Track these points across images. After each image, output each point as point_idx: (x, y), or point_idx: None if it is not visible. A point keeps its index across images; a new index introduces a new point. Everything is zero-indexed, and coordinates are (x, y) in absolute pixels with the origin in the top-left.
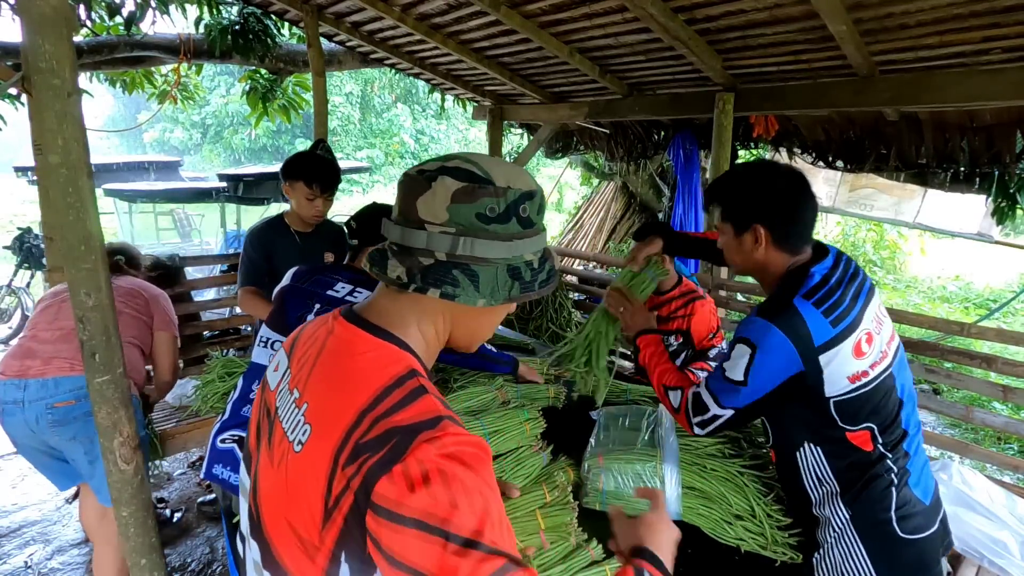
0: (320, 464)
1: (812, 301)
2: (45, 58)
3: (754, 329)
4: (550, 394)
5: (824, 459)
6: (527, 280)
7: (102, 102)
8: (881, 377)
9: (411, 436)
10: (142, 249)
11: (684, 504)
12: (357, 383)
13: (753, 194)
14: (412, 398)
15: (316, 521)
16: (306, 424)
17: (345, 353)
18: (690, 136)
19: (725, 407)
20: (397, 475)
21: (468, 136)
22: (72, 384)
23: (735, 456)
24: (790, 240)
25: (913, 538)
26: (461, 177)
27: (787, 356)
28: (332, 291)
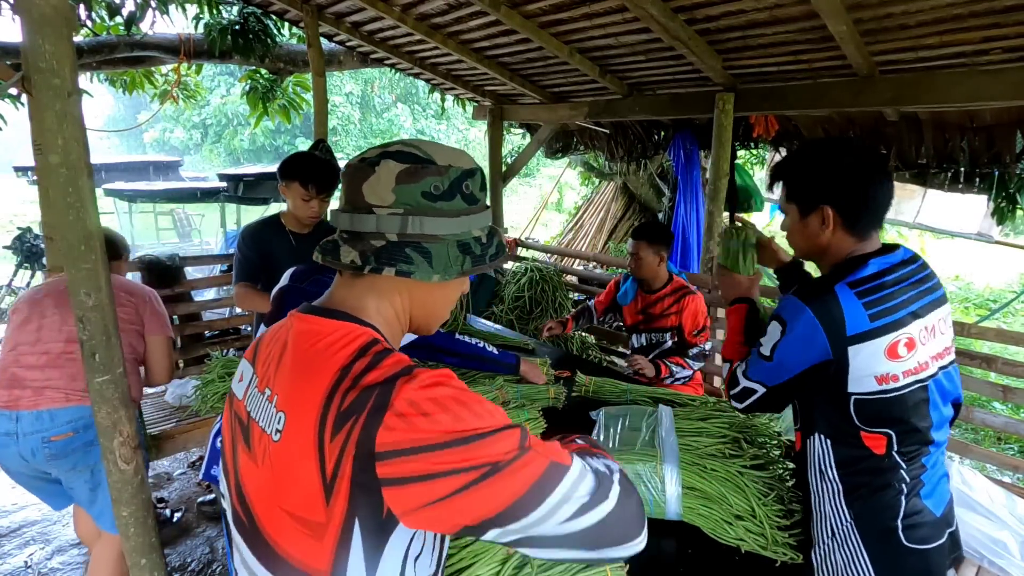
0: (304, 444)
1: (856, 291)
2: (45, 58)
3: (788, 308)
4: (550, 394)
5: (831, 452)
6: (478, 254)
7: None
8: (912, 387)
9: (389, 385)
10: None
11: (684, 504)
12: (322, 362)
13: (821, 172)
14: (379, 360)
15: (318, 499)
16: (279, 412)
17: (307, 342)
18: (690, 136)
19: (753, 381)
20: (391, 421)
21: (468, 136)
22: (69, 416)
23: (735, 456)
24: (860, 224)
25: (919, 548)
26: (403, 159)
27: (815, 340)
28: None
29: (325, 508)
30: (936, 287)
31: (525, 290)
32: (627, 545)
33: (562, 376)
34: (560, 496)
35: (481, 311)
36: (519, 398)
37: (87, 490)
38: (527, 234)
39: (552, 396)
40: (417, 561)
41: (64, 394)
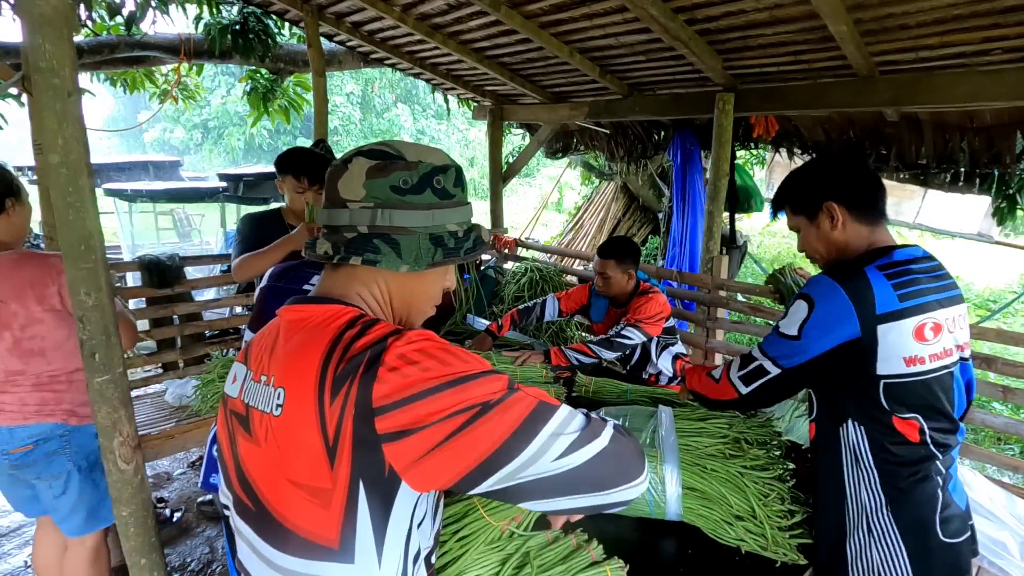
0: (306, 412)
1: (884, 273)
2: (45, 58)
3: (817, 286)
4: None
5: (866, 441)
6: (451, 247)
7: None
8: (940, 372)
9: (380, 345)
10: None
11: (684, 505)
12: (313, 338)
13: (816, 177)
14: (366, 328)
15: (323, 465)
16: (277, 389)
17: (297, 325)
18: (690, 136)
19: (768, 358)
20: (384, 375)
21: (468, 136)
22: (27, 432)
23: (736, 457)
24: (867, 210)
25: (952, 542)
26: (374, 156)
27: (846, 316)
28: (309, 285)
29: (330, 472)
30: (954, 286)
31: (525, 290)
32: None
33: (562, 376)
34: (551, 430)
35: (481, 311)
36: None
37: (51, 497)
38: (527, 234)
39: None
40: (420, 527)
41: (20, 415)
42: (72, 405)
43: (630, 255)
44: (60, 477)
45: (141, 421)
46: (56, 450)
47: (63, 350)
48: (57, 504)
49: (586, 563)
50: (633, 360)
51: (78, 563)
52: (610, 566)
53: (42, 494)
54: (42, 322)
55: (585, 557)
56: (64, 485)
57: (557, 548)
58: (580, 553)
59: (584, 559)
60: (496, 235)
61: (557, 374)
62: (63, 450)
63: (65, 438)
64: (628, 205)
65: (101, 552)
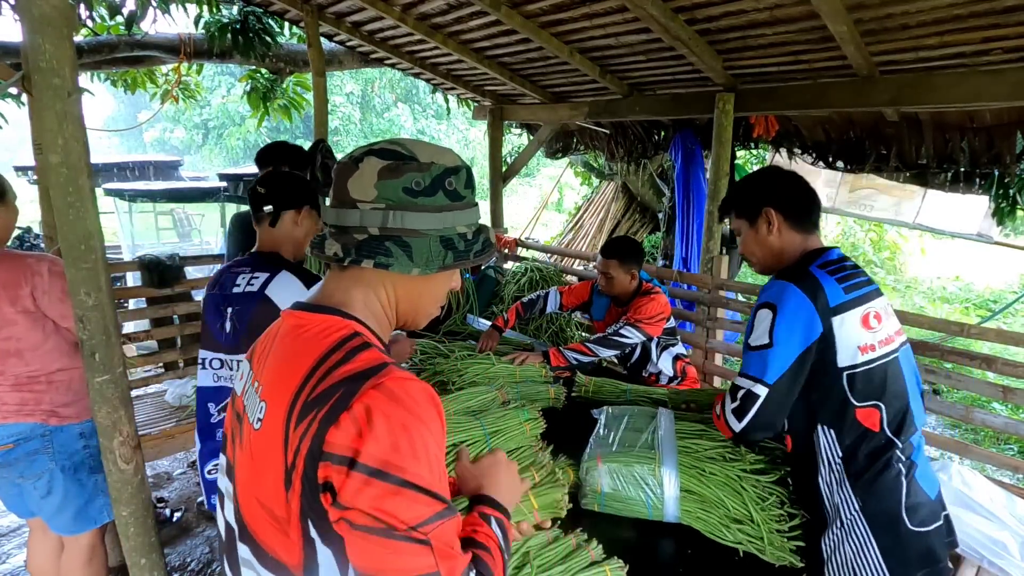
0: (276, 431)
1: (827, 271)
2: (45, 58)
3: (773, 291)
4: (550, 394)
5: (835, 443)
6: (461, 250)
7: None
8: (888, 358)
9: (356, 384)
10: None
11: (683, 507)
12: (303, 352)
13: (756, 185)
14: (355, 353)
15: (280, 491)
16: (261, 402)
17: (292, 334)
18: (691, 135)
19: (752, 379)
20: (345, 422)
21: (468, 136)
22: (6, 432)
23: (735, 460)
24: (801, 218)
25: (922, 531)
26: (386, 156)
27: (808, 313)
28: (237, 287)
29: (285, 502)
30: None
31: (525, 290)
32: None
33: (562, 376)
34: None
35: (481, 311)
36: (519, 398)
37: (37, 498)
38: (527, 234)
39: (552, 396)
40: None
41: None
42: (52, 405)
43: (633, 255)
44: (43, 477)
45: (141, 421)
46: (37, 450)
47: (41, 351)
48: (43, 504)
49: (586, 563)
50: (633, 359)
51: (74, 562)
52: (610, 566)
53: (27, 495)
54: (16, 323)
55: (585, 557)
56: (48, 485)
57: (557, 548)
58: (580, 553)
59: (584, 559)
60: (496, 235)
61: (557, 374)
62: (44, 450)
63: (47, 438)
64: (628, 205)
65: (97, 551)
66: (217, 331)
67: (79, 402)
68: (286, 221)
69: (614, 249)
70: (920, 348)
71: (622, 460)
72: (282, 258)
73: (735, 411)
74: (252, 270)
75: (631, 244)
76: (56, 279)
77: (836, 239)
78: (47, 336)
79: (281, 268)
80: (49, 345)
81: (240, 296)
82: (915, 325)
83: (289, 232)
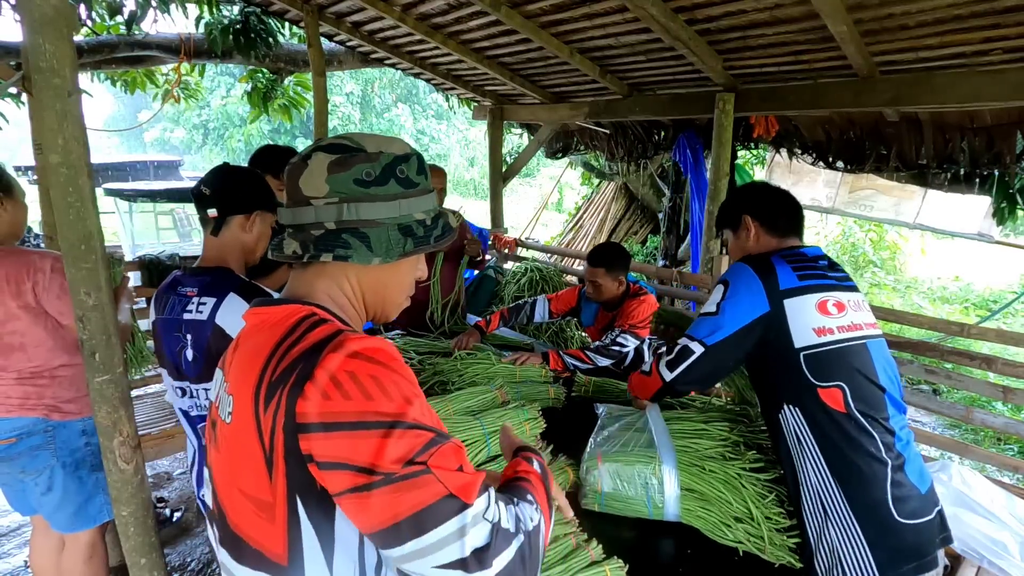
0: (247, 420)
1: (786, 259)
2: (45, 58)
3: (732, 270)
4: (550, 394)
5: (802, 419)
6: (420, 236)
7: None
8: (851, 343)
9: (315, 354)
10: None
11: (683, 506)
12: (262, 343)
13: (738, 197)
14: (312, 328)
15: (263, 476)
16: (229, 396)
17: (254, 331)
18: (694, 135)
19: (694, 340)
20: (310, 391)
21: (468, 136)
22: (10, 425)
23: (735, 459)
24: (777, 225)
25: (910, 523)
26: (334, 150)
27: (756, 291)
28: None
29: (269, 485)
30: (850, 279)
31: (525, 290)
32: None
33: (562, 376)
34: (439, 537)
35: (481, 311)
36: (519, 398)
37: (38, 494)
38: (527, 234)
39: (552, 396)
40: None
41: (3, 408)
42: (55, 400)
43: (619, 261)
44: (44, 473)
45: (141, 421)
46: (40, 445)
47: (44, 347)
48: (43, 501)
49: (585, 563)
50: (626, 362)
51: (74, 560)
52: (609, 566)
53: (29, 490)
54: (19, 318)
55: (584, 557)
56: (48, 482)
57: (556, 548)
58: (580, 553)
59: (583, 559)
60: (496, 235)
61: (557, 374)
62: (47, 445)
63: (49, 433)
64: (628, 205)
65: (97, 549)
66: (175, 357)
67: (82, 398)
68: (233, 227)
69: (600, 257)
70: (920, 348)
71: (622, 459)
72: (229, 275)
73: (669, 362)
74: (199, 294)
75: (616, 250)
76: (57, 275)
77: (836, 239)
78: (49, 332)
79: (228, 291)
80: (52, 341)
81: (193, 323)
82: (915, 325)
83: (236, 238)
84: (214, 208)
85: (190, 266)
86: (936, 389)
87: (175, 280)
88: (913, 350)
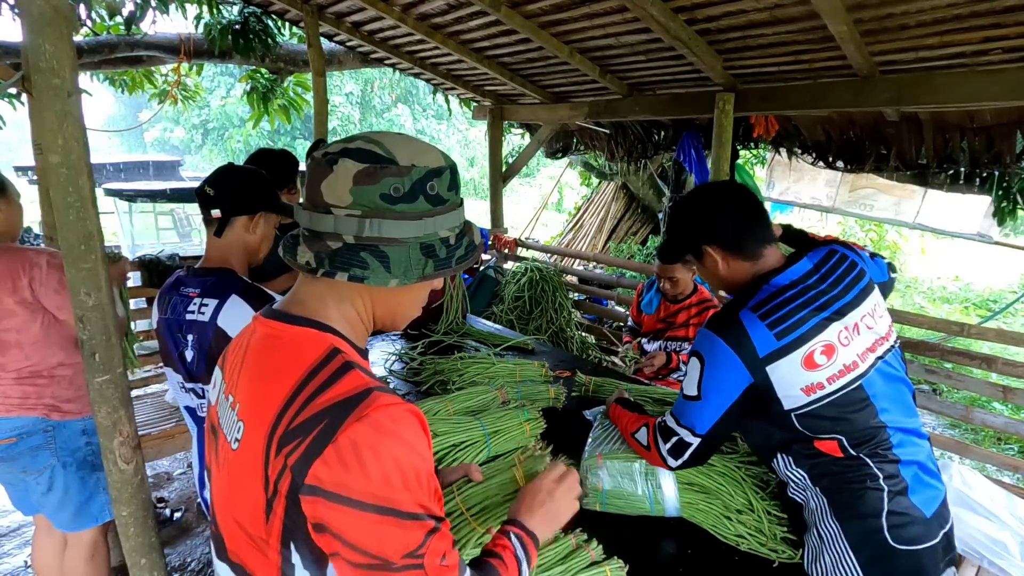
0: (255, 455)
1: (758, 314)
2: (45, 58)
3: (702, 342)
4: (550, 394)
5: (794, 465)
6: (442, 257)
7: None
8: (845, 390)
9: (341, 416)
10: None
11: (684, 500)
12: (281, 371)
13: (691, 222)
14: (338, 376)
15: (260, 513)
16: (239, 421)
17: (268, 347)
18: (696, 136)
19: (684, 427)
20: (330, 456)
21: (468, 136)
22: (10, 425)
23: (731, 453)
24: (742, 247)
25: (909, 549)
26: (362, 158)
27: (734, 367)
28: (190, 313)
29: (265, 524)
30: (855, 281)
31: (525, 290)
32: None
33: (562, 376)
34: None
35: (481, 311)
36: (519, 398)
37: (39, 494)
38: (527, 234)
39: (552, 396)
40: None
41: (3, 407)
42: (54, 400)
43: None
44: (44, 472)
45: (141, 421)
46: (40, 444)
47: (40, 344)
48: (44, 501)
49: (586, 563)
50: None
51: (76, 559)
52: (610, 566)
53: (31, 490)
54: (15, 315)
55: (585, 557)
56: (49, 481)
57: (556, 548)
58: (580, 553)
59: (584, 559)
60: (496, 235)
61: (557, 374)
62: (47, 445)
63: (49, 433)
64: (628, 205)
65: (99, 549)
66: (178, 358)
67: (81, 398)
68: (236, 228)
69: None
70: (920, 348)
71: (622, 456)
72: (232, 276)
73: (670, 451)
74: (201, 295)
75: None
76: (54, 271)
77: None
78: (46, 329)
79: (230, 293)
80: (50, 339)
81: (195, 324)
82: (915, 325)
83: (240, 239)
84: (218, 208)
85: (193, 266)
86: (936, 389)
87: (178, 280)
88: (913, 350)
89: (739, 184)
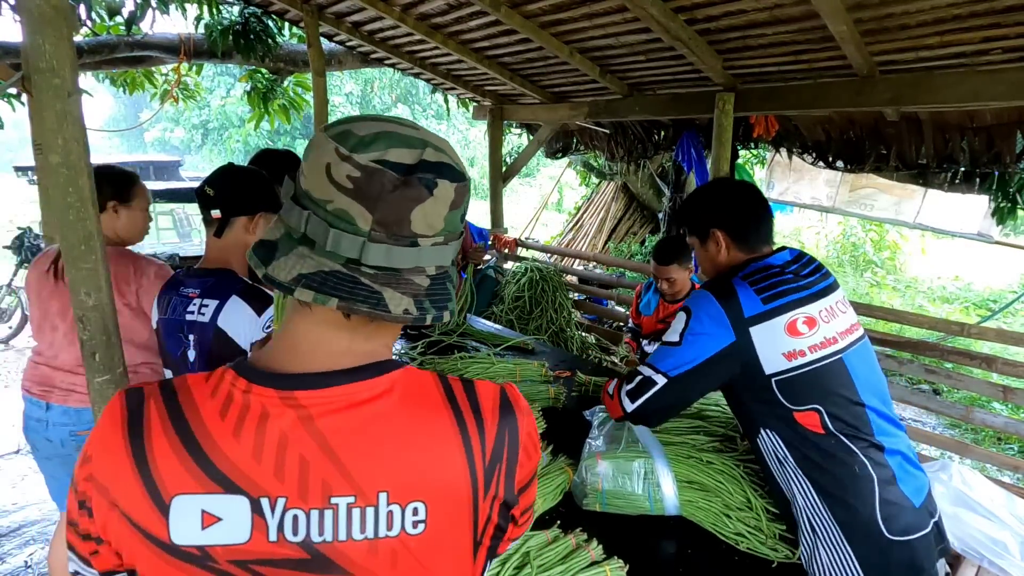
0: (461, 516)
1: (748, 281)
2: (45, 58)
3: (693, 297)
4: (550, 394)
5: (780, 442)
6: None
7: (102, 102)
8: (825, 361)
9: (509, 418)
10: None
11: (683, 498)
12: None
13: (708, 205)
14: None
15: (467, 563)
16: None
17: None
18: (696, 134)
19: (659, 371)
20: (523, 458)
21: (468, 136)
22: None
23: (729, 451)
24: (748, 240)
25: (903, 539)
26: (453, 176)
27: (719, 321)
28: (189, 313)
29: (471, 565)
30: (826, 276)
31: (525, 290)
32: None
33: (562, 376)
34: None
35: (481, 311)
36: None
37: None
38: (527, 234)
39: (552, 396)
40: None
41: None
42: None
43: (685, 250)
44: None
45: None
46: None
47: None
48: None
49: (586, 563)
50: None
51: None
52: (610, 566)
53: None
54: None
55: (585, 557)
56: None
57: (557, 548)
58: (580, 553)
59: (584, 559)
60: (496, 235)
61: (556, 374)
62: None
63: None
64: (628, 205)
65: None
66: (180, 358)
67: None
68: (236, 228)
69: (668, 253)
70: (920, 348)
71: (621, 456)
72: (232, 277)
73: (630, 392)
74: (201, 295)
75: (679, 241)
76: (158, 281)
77: (836, 239)
78: (140, 333)
79: (230, 293)
80: (139, 341)
81: (195, 325)
82: (915, 325)
83: (239, 239)
84: (217, 209)
85: (192, 266)
86: (936, 389)
87: (177, 280)
88: (913, 350)
89: (756, 187)
